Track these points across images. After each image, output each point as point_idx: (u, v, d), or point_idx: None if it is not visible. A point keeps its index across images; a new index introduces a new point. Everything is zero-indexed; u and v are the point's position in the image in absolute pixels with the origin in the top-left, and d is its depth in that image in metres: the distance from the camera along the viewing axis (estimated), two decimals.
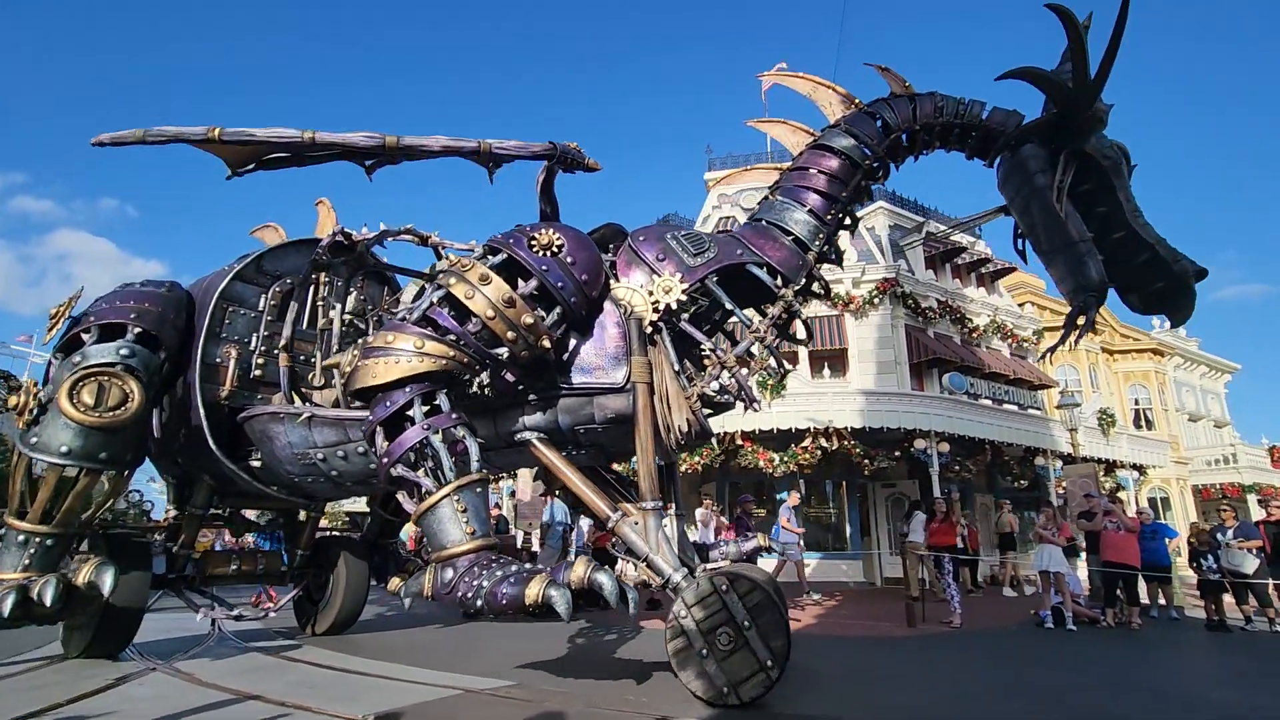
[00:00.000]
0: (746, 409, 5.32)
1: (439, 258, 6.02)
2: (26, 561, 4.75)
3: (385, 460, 4.09)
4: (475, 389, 4.55)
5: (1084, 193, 4.81)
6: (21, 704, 4.05)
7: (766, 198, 5.46)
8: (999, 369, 18.60)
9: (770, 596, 4.02)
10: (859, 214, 5.66)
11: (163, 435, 6.09)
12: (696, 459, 14.30)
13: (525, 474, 13.32)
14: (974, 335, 19.37)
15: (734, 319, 5.28)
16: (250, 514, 7.82)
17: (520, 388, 4.81)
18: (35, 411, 4.92)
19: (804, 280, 5.11)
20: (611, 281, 4.95)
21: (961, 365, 17.78)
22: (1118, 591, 8.89)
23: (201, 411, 5.67)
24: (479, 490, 4.14)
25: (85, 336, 5.22)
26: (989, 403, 17.02)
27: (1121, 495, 16.95)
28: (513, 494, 17.85)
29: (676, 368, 4.80)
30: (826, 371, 17.75)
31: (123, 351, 5.12)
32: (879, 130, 5.32)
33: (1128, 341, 26.71)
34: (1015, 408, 17.67)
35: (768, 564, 11.15)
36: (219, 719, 3.83)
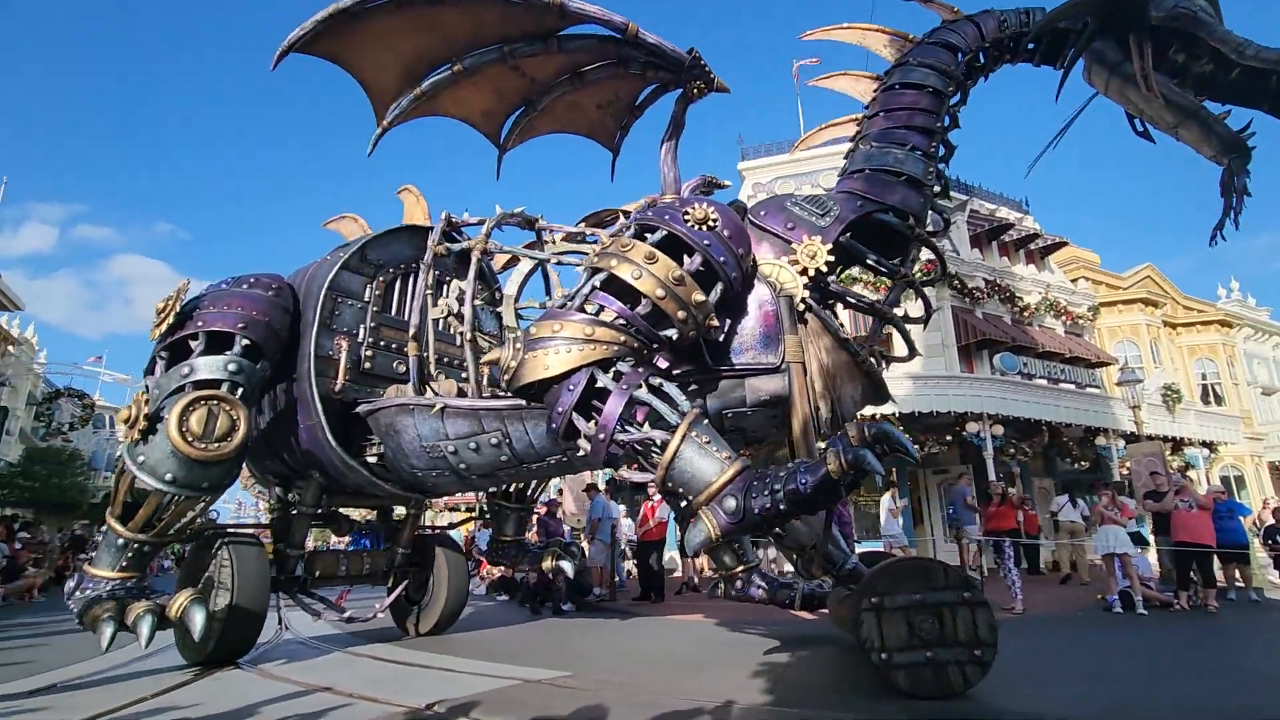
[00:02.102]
0: (902, 360, 5.31)
1: (540, 243, 6.05)
2: (124, 563, 4.95)
3: (601, 438, 3.95)
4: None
5: (1177, 57, 4.66)
6: (104, 699, 4.30)
7: (855, 149, 5.31)
8: (1053, 348, 17.96)
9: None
10: None
11: (265, 433, 6.06)
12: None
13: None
14: (1025, 314, 18.74)
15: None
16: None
17: (674, 373, 4.66)
18: (144, 429, 4.84)
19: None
20: (757, 258, 4.82)
21: (1013, 345, 17.23)
22: (1191, 573, 8.50)
23: (319, 406, 5.59)
24: (705, 420, 4.04)
25: (193, 344, 5.20)
26: (1044, 382, 16.46)
27: (1191, 474, 16.19)
28: (559, 491, 18.04)
29: (843, 334, 4.73)
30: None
31: (230, 367, 5.09)
32: (950, 55, 5.23)
33: (1191, 314, 25.45)
34: (1072, 387, 17.06)
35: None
36: (290, 710, 3.99)
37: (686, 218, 4.38)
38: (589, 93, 5.71)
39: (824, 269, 4.62)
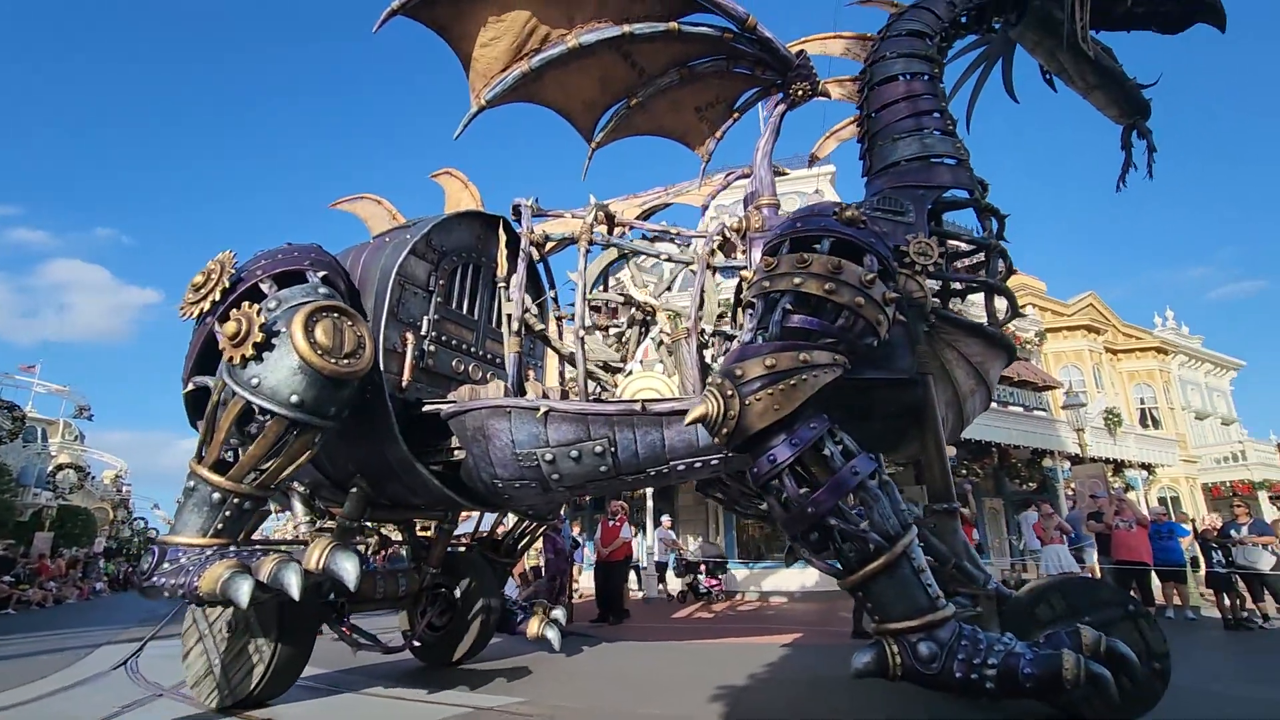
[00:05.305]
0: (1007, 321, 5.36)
1: (610, 229, 5.82)
2: (219, 525, 4.02)
3: (810, 512, 3.54)
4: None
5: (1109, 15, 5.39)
6: None
7: (869, 147, 5.25)
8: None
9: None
10: None
11: None
12: None
13: None
14: None
15: None
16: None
17: None
18: (260, 341, 4.05)
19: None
20: None
21: None
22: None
23: (390, 404, 4.91)
24: (921, 543, 3.71)
25: (264, 287, 4.46)
26: (994, 405, 16.97)
27: (1131, 495, 16.86)
28: None
29: (971, 320, 4.77)
30: None
31: (321, 290, 4.52)
32: (919, 41, 5.30)
33: (1130, 340, 26.68)
34: (1020, 409, 17.62)
35: None
36: None
37: (836, 219, 4.12)
38: (692, 92, 5.56)
39: (943, 257, 4.61)
